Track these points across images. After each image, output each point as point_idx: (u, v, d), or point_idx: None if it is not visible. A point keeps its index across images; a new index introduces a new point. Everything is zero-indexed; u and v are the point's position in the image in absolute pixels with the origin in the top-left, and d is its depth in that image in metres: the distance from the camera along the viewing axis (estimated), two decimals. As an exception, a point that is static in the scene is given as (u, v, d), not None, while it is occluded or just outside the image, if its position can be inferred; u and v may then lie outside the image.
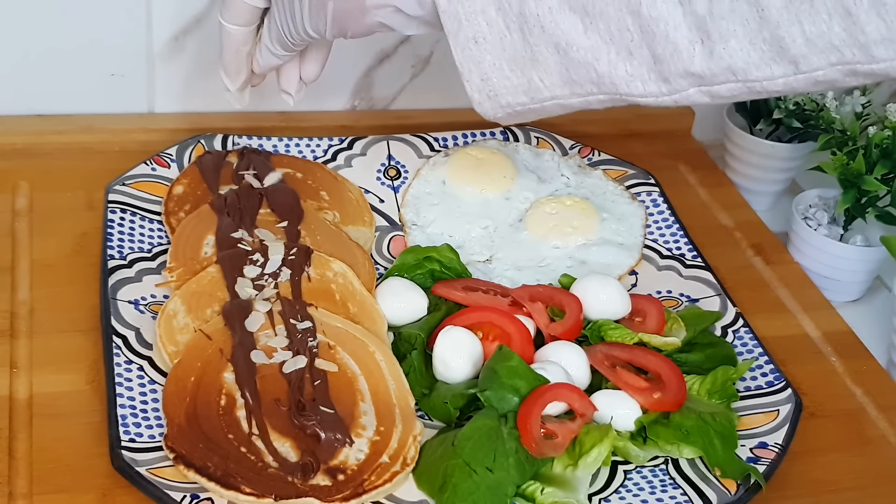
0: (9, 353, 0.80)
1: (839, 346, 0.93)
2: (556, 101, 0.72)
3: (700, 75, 0.67)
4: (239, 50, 0.85)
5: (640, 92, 0.69)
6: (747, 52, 0.65)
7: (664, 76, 0.68)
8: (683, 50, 0.66)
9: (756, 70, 0.66)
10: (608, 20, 0.67)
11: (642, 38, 0.67)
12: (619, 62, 0.68)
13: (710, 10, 0.65)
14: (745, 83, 0.67)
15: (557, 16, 0.68)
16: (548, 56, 0.70)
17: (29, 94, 1.04)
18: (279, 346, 0.78)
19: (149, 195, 0.94)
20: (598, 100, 0.72)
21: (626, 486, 0.76)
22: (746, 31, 0.65)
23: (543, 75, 0.71)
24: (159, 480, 0.70)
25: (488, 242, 0.96)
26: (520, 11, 0.69)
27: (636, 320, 0.87)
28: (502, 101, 0.73)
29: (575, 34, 0.68)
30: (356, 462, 0.72)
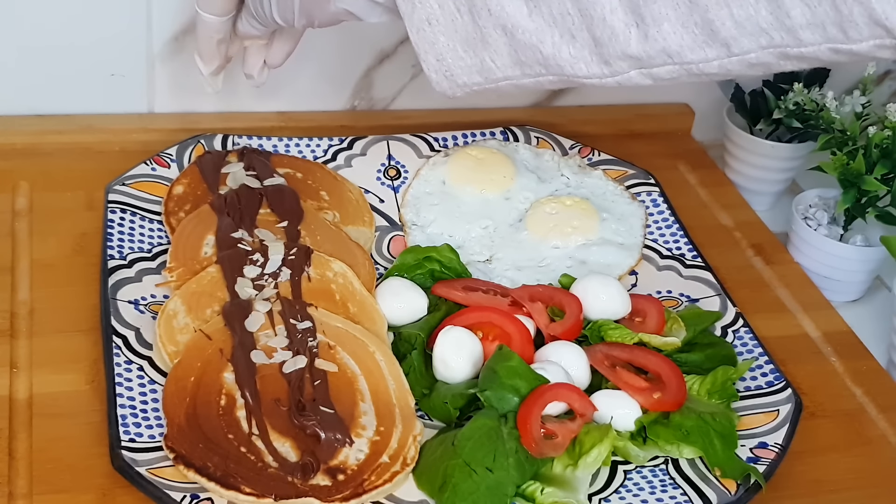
0: (9, 353, 0.80)
1: (839, 346, 0.93)
2: (510, 81, 0.74)
3: (638, 58, 0.69)
4: (212, 37, 0.89)
5: (584, 73, 0.71)
6: (680, 35, 0.67)
7: (605, 58, 0.69)
8: (620, 33, 0.68)
9: (690, 53, 0.67)
10: (550, 4, 0.69)
11: (582, 22, 0.69)
12: (563, 45, 0.70)
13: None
14: (682, 66, 0.68)
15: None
16: (497, 38, 0.72)
17: (29, 94, 1.04)
18: (279, 346, 0.78)
19: (149, 195, 0.94)
20: (548, 80, 0.73)
21: (626, 486, 0.76)
22: (678, 14, 0.66)
23: (495, 56, 0.73)
24: (159, 480, 0.70)
25: (488, 242, 0.96)
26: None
27: (636, 320, 0.87)
28: (458, 81, 0.75)
29: (520, 17, 0.70)
30: (356, 462, 0.72)
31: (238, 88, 1.08)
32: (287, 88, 1.10)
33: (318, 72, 1.09)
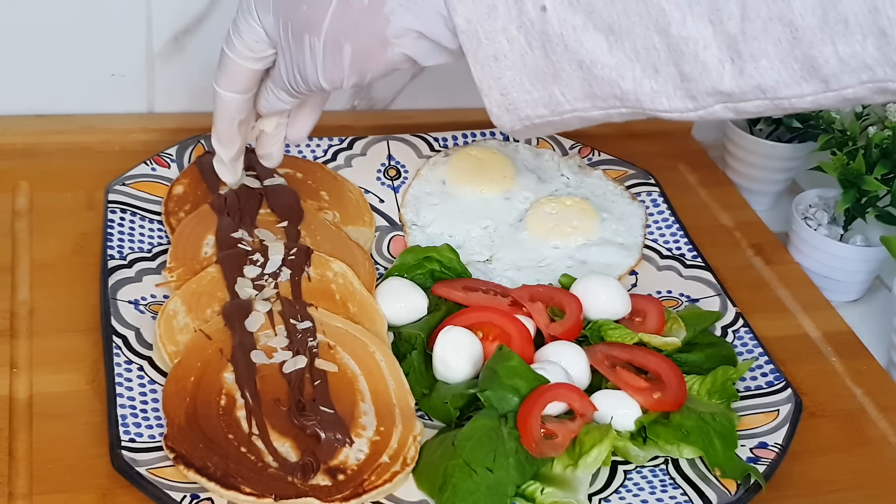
0: (9, 353, 0.80)
1: (839, 346, 0.93)
2: (577, 113, 0.71)
3: (728, 93, 0.66)
4: (234, 119, 0.82)
5: (665, 108, 0.68)
6: (778, 70, 0.64)
7: (691, 94, 0.67)
8: (713, 69, 0.65)
9: (785, 88, 0.65)
10: (634, 38, 0.66)
11: (669, 56, 0.66)
12: (645, 79, 0.67)
13: (742, 29, 0.63)
14: (773, 100, 0.66)
15: (581, 34, 0.67)
16: (570, 72, 0.68)
17: (29, 94, 1.04)
18: (279, 346, 0.78)
19: (149, 195, 0.94)
20: (619, 113, 0.70)
21: (626, 486, 0.76)
22: (778, 50, 0.63)
23: (565, 90, 0.69)
24: (159, 480, 0.70)
25: (488, 242, 0.96)
26: (542, 30, 0.67)
27: (636, 320, 0.87)
28: (521, 114, 0.71)
29: (599, 52, 0.67)
30: (356, 462, 0.72)
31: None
32: (287, 88, 1.10)
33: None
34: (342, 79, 0.73)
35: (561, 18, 0.66)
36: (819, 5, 0.61)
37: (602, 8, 0.66)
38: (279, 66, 0.76)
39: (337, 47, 0.72)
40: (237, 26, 0.76)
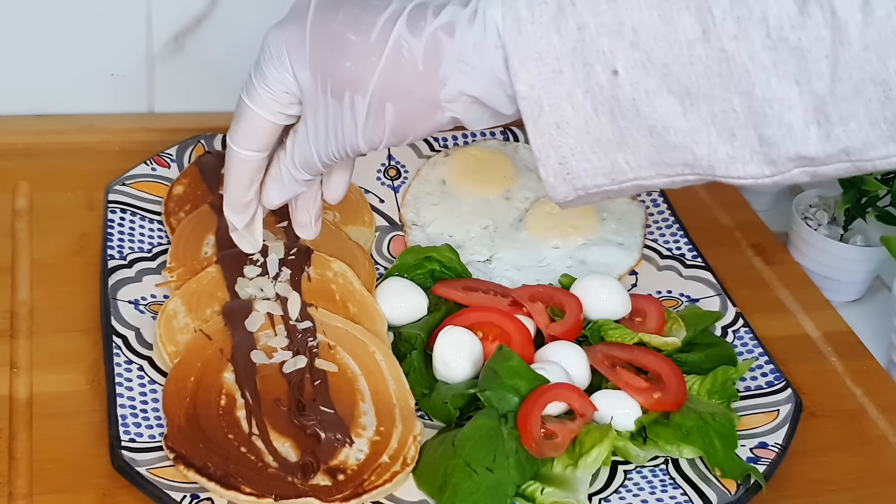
0: (9, 353, 0.80)
1: (839, 346, 0.93)
2: (638, 181, 0.66)
3: (812, 157, 0.62)
4: (252, 181, 0.73)
5: (740, 174, 0.64)
6: (866, 132, 0.61)
7: (770, 159, 0.63)
8: (797, 132, 0.61)
9: (872, 150, 0.61)
10: (712, 101, 0.62)
11: (749, 120, 0.62)
12: (720, 144, 0.63)
13: (831, 90, 0.60)
14: (856, 163, 0.63)
15: (655, 98, 0.62)
16: (638, 139, 0.64)
17: (29, 94, 1.04)
18: (279, 346, 0.78)
19: (149, 195, 0.94)
20: (684, 180, 0.66)
21: (626, 486, 0.76)
22: (868, 111, 0.60)
23: (630, 157, 0.65)
24: (159, 480, 0.70)
25: (488, 242, 0.96)
26: (612, 95, 0.63)
27: (636, 320, 0.87)
28: (578, 184, 0.66)
29: (673, 117, 0.63)
30: (356, 462, 0.72)
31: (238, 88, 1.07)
32: (287, 88, 1.10)
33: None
34: (381, 140, 0.68)
35: (634, 82, 0.62)
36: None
37: (679, 70, 0.62)
38: (307, 128, 0.69)
39: (381, 107, 0.66)
40: (263, 75, 0.69)
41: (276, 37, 0.68)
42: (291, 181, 0.73)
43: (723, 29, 0.60)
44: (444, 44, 0.65)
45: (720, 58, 0.61)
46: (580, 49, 0.62)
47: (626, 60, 0.62)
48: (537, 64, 0.63)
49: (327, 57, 0.66)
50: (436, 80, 0.65)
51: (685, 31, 0.61)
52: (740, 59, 0.61)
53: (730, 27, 0.60)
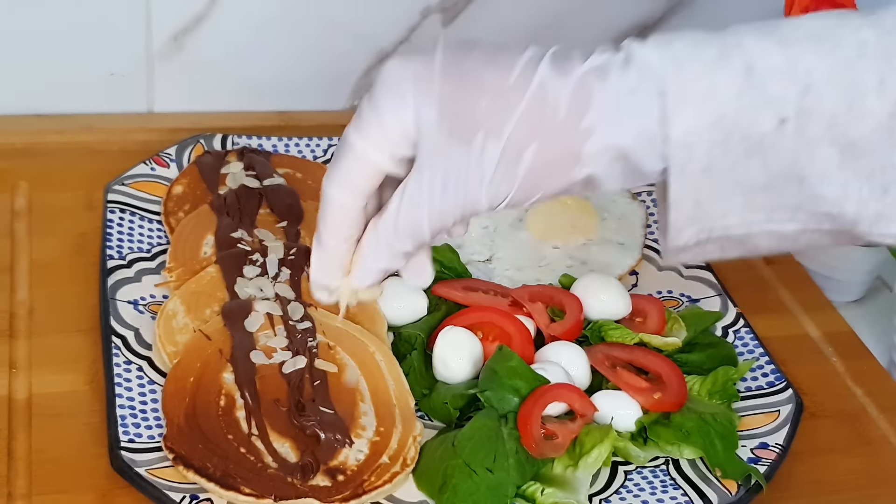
0: (8, 353, 0.80)
1: (840, 346, 0.92)
2: (770, 225, 0.61)
3: None
4: (348, 237, 0.63)
5: (885, 231, 0.60)
6: None
7: None
8: None
9: None
10: (873, 157, 0.57)
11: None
12: (871, 200, 0.58)
13: None
14: None
15: (815, 149, 0.57)
16: (785, 187, 0.59)
17: (28, 94, 1.04)
18: (279, 346, 0.78)
19: (148, 195, 0.94)
20: (818, 230, 0.61)
21: (626, 487, 0.76)
22: None
23: (769, 200, 0.59)
24: (158, 481, 0.69)
25: (488, 242, 0.96)
26: (773, 142, 0.58)
27: (637, 320, 0.87)
28: (706, 224, 0.60)
29: (829, 168, 0.58)
30: (356, 462, 0.71)
31: (238, 88, 1.08)
32: (287, 88, 1.10)
33: (318, 72, 1.09)
34: (508, 195, 0.59)
35: (800, 131, 0.57)
36: None
37: (848, 122, 0.57)
38: (421, 181, 0.59)
39: (517, 155, 0.58)
40: (378, 108, 0.59)
41: (400, 68, 0.59)
42: (390, 255, 0.62)
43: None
44: (594, 89, 0.58)
45: (893, 113, 0.57)
46: (747, 93, 0.57)
47: (796, 107, 0.57)
48: (699, 106, 0.57)
49: (460, 94, 0.58)
50: (581, 129, 0.58)
51: (860, 81, 0.57)
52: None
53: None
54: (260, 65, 1.08)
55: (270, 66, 1.08)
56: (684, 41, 0.58)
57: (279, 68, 1.07)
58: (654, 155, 0.58)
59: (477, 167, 0.58)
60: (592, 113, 0.58)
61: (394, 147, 0.60)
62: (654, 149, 0.58)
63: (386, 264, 0.63)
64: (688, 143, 0.57)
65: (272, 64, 1.08)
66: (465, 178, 0.58)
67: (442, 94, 0.58)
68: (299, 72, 1.07)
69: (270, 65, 1.08)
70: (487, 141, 0.58)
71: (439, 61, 0.59)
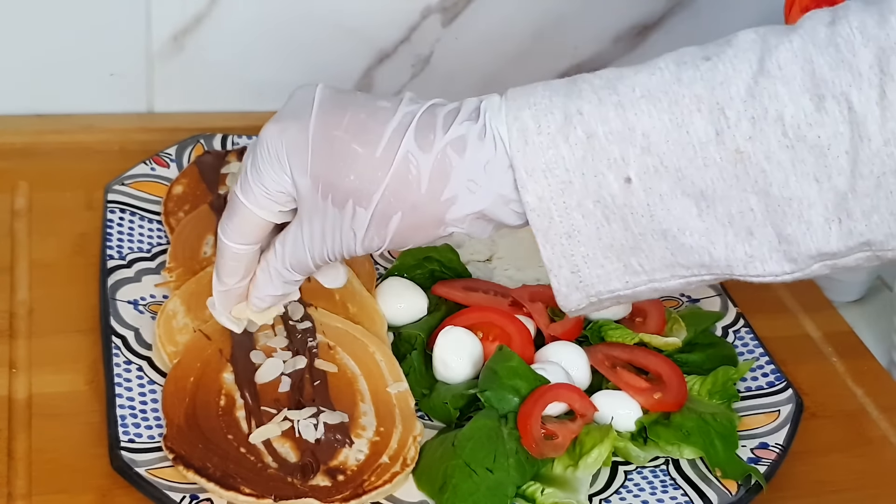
0: (8, 353, 0.80)
1: (840, 346, 0.92)
2: (653, 284, 0.65)
3: (833, 253, 0.62)
4: (247, 272, 0.71)
5: (759, 272, 0.63)
6: (888, 224, 0.60)
7: (791, 256, 0.62)
8: (818, 229, 0.61)
9: (893, 241, 0.61)
10: (728, 203, 0.61)
11: (767, 219, 0.61)
12: (738, 244, 0.62)
13: (852, 186, 0.59)
14: (878, 252, 0.62)
15: (669, 202, 0.61)
16: (652, 243, 0.63)
17: (28, 94, 1.04)
18: (279, 346, 0.78)
19: (148, 195, 0.94)
20: (700, 280, 0.64)
21: (626, 487, 0.76)
22: (890, 203, 0.59)
23: (644, 261, 0.63)
24: (158, 481, 0.69)
25: (488, 242, 0.96)
26: (624, 202, 0.61)
27: (636, 320, 0.87)
28: (591, 291, 0.65)
29: (688, 219, 0.61)
30: (356, 462, 0.71)
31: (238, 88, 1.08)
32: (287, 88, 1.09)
33: (318, 72, 1.09)
34: (381, 247, 0.66)
35: (647, 187, 0.61)
36: None
37: (693, 173, 0.60)
38: (301, 231, 0.67)
39: (384, 220, 0.64)
40: (260, 174, 0.66)
41: (276, 138, 0.65)
42: (281, 283, 0.70)
43: (737, 130, 0.59)
44: (453, 163, 0.63)
45: (735, 159, 0.60)
46: (590, 158, 0.61)
47: (638, 167, 0.61)
48: (546, 175, 0.62)
49: (330, 167, 0.64)
50: (443, 201, 0.64)
51: (698, 134, 0.60)
52: (756, 160, 0.59)
53: (744, 128, 0.59)
54: (260, 65, 1.08)
55: (270, 66, 1.08)
56: (532, 109, 0.62)
57: (279, 68, 1.07)
58: (514, 216, 0.64)
59: (350, 227, 0.65)
60: (452, 185, 0.63)
61: (277, 205, 0.67)
62: (515, 210, 0.64)
63: (279, 291, 0.71)
64: (543, 209, 0.62)
65: (272, 64, 1.08)
66: (340, 233, 0.65)
67: (314, 167, 0.64)
68: (299, 72, 1.07)
69: (270, 65, 1.08)
70: (357, 208, 0.64)
71: (311, 133, 0.64)
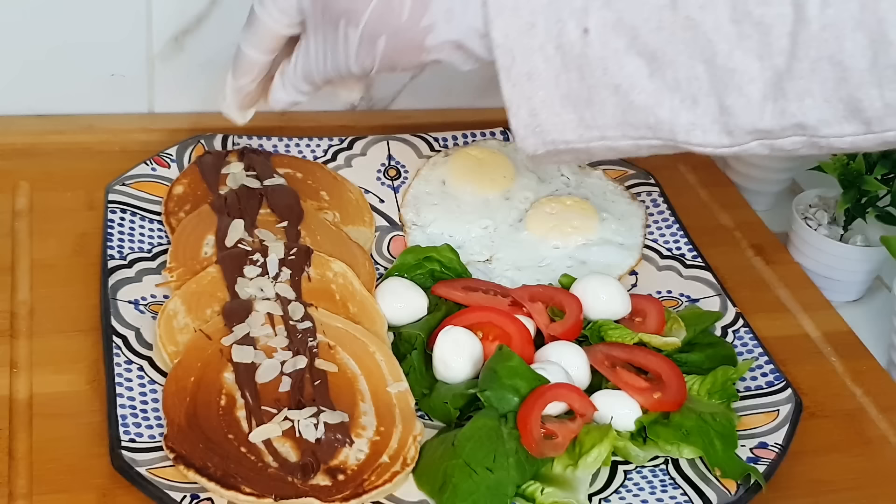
0: (9, 353, 0.80)
1: (839, 346, 0.93)
2: (605, 142, 0.69)
3: (768, 131, 0.64)
4: (257, 77, 0.81)
5: (699, 141, 0.66)
6: (821, 109, 0.63)
7: (728, 128, 0.65)
8: (755, 105, 0.64)
9: (826, 128, 0.63)
10: (676, 67, 0.64)
11: (711, 88, 0.64)
12: (682, 110, 0.65)
13: (789, 66, 0.62)
14: (812, 138, 0.64)
15: (623, 58, 0.65)
16: (605, 97, 0.66)
17: (29, 95, 1.04)
18: (279, 346, 0.78)
19: (149, 195, 0.94)
20: (649, 144, 0.68)
21: (626, 487, 0.76)
22: (824, 89, 0.62)
23: (597, 115, 0.67)
24: (159, 480, 0.70)
25: (488, 242, 0.96)
26: (581, 52, 0.65)
27: (636, 320, 0.87)
28: (547, 138, 0.69)
29: (639, 77, 0.65)
30: (356, 462, 0.72)
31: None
32: (287, 88, 1.10)
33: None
34: (373, 68, 0.73)
35: (603, 41, 0.65)
36: (870, 48, 0.60)
37: (647, 33, 0.64)
38: (307, 46, 0.76)
39: (372, 41, 0.72)
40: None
41: None
42: (293, 90, 0.80)
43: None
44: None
45: (686, 25, 0.63)
46: (555, 4, 0.65)
47: (597, 19, 0.64)
48: (512, 14, 0.66)
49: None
50: (422, 27, 0.70)
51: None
52: (705, 29, 0.63)
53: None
54: (260, 65, 1.08)
55: (271, 66, 1.08)
56: None
57: (279, 68, 1.07)
58: (486, 50, 0.69)
59: (343, 46, 0.73)
60: (430, 13, 0.69)
61: (287, 20, 0.76)
62: (487, 46, 0.69)
63: (290, 98, 0.81)
64: (507, 46, 0.67)
65: (272, 64, 1.08)
66: (336, 52, 0.74)
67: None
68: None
69: (271, 65, 1.08)
70: (349, 28, 0.72)
71: None
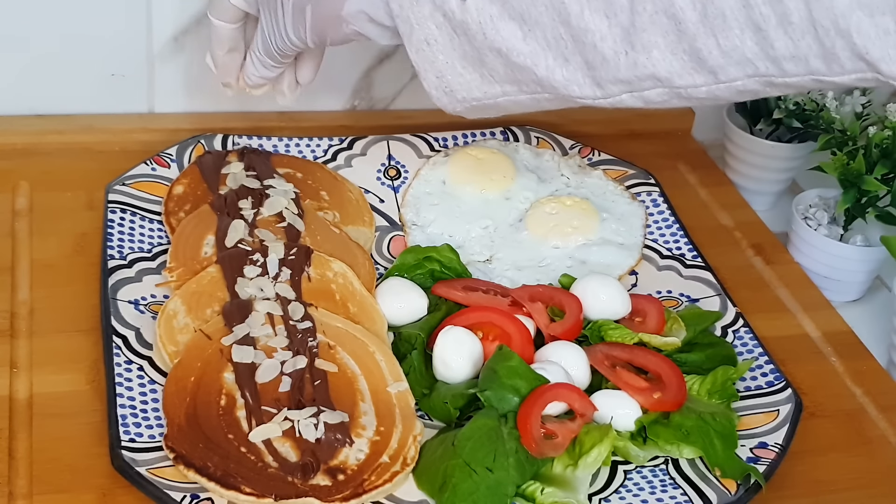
0: (9, 353, 0.80)
1: (839, 346, 0.93)
2: (508, 97, 0.76)
3: (628, 81, 0.70)
4: (230, 48, 0.89)
5: (578, 94, 0.73)
6: (669, 61, 0.68)
7: (597, 81, 0.71)
8: (611, 59, 0.70)
9: (679, 79, 0.69)
10: (544, 28, 0.71)
11: (575, 46, 0.70)
12: (556, 67, 0.72)
13: (632, 21, 0.68)
14: (672, 89, 0.70)
15: (498, 23, 0.71)
16: (492, 59, 0.73)
17: (29, 95, 1.04)
18: (279, 346, 0.78)
19: (149, 195, 0.94)
20: (545, 98, 0.75)
21: (626, 486, 0.76)
22: (667, 42, 0.68)
23: (494, 73, 0.74)
24: (159, 480, 0.70)
25: (488, 242, 0.96)
26: (462, 20, 0.72)
27: (636, 320, 0.87)
28: (458, 96, 0.77)
29: (515, 41, 0.72)
30: (356, 462, 0.72)
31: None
32: (287, 88, 1.10)
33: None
34: (306, 38, 0.82)
35: (479, 8, 0.71)
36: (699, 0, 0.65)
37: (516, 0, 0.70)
38: (261, 21, 0.84)
39: (301, 10, 0.80)
40: None
41: None
42: (260, 66, 0.88)
43: None
44: None
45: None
46: None
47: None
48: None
49: None
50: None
51: None
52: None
53: None
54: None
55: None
56: None
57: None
58: (391, 19, 0.76)
59: (282, 19, 0.82)
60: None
61: None
62: (389, 15, 0.76)
63: (259, 73, 0.89)
64: (404, 16, 0.75)
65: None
66: (277, 25, 0.83)
67: None
68: (299, 72, 1.07)
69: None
70: (285, 2, 0.81)
71: None
